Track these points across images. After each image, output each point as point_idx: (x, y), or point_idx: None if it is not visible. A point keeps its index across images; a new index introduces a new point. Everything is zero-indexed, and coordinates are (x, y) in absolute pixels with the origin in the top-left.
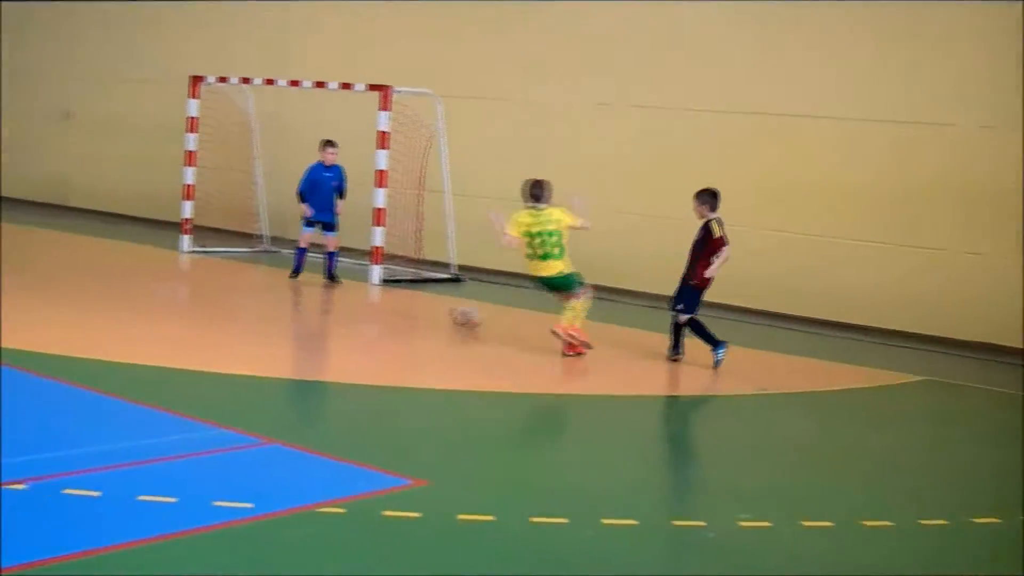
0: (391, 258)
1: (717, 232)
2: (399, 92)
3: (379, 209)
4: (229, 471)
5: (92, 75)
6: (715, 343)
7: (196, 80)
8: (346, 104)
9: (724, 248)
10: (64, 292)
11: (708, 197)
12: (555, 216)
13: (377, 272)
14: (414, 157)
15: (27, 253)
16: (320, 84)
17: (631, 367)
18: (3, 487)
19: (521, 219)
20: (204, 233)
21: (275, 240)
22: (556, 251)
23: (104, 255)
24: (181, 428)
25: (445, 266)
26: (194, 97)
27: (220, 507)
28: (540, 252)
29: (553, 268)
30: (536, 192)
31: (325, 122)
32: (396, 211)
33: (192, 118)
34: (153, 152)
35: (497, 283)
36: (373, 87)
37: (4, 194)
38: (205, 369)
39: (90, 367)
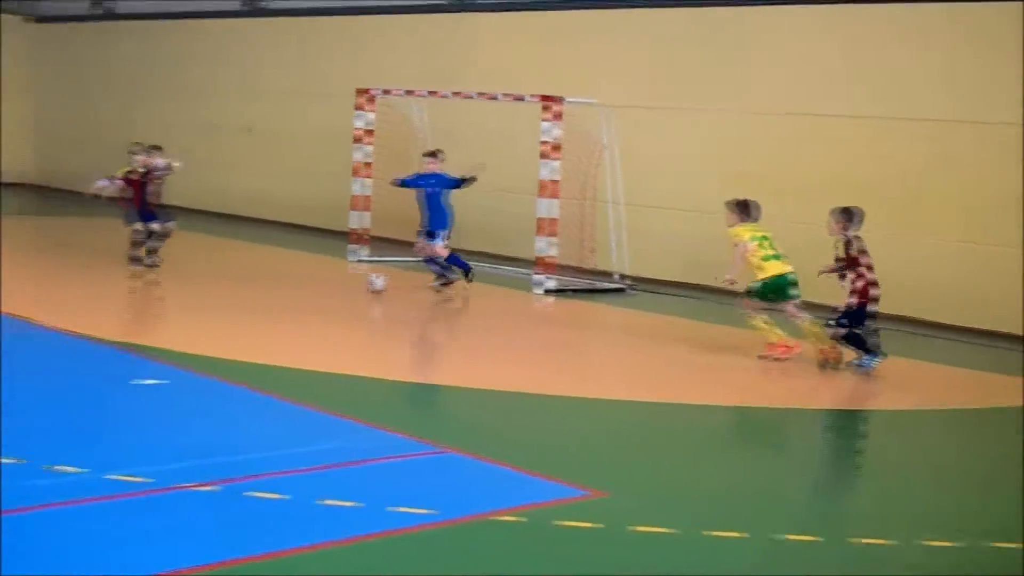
0: (559, 268)
1: (847, 252)
2: (568, 103)
3: (545, 219)
4: (407, 477)
5: (270, 90)
6: (870, 352)
7: (364, 93)
8: (515, 114)
9: (860, 270)
10: (243, 299)
11: (841, 215)
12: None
13: (543, 281)
14: (583, 167)
15: (209, 263)
16: (486, 95)
17: (803, 378)
18: (195, 488)
19: (744, 229)
20: (375, 243)
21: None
22: (781, 250)
23: (279, 264)
24: (360, 434)
25: (615, 276)
26: (362, 109)
27: (399, 512)
28: (771, 252)
29: (783, 267)
30: (746, 212)
31: (495, 132)
32: (564, 221)
33: (360, 130)
34: (325, 164)
35: (668, 294)
36: (541, 98)
37: (190, 205)
38: (381, 376)
39: (272, 373)
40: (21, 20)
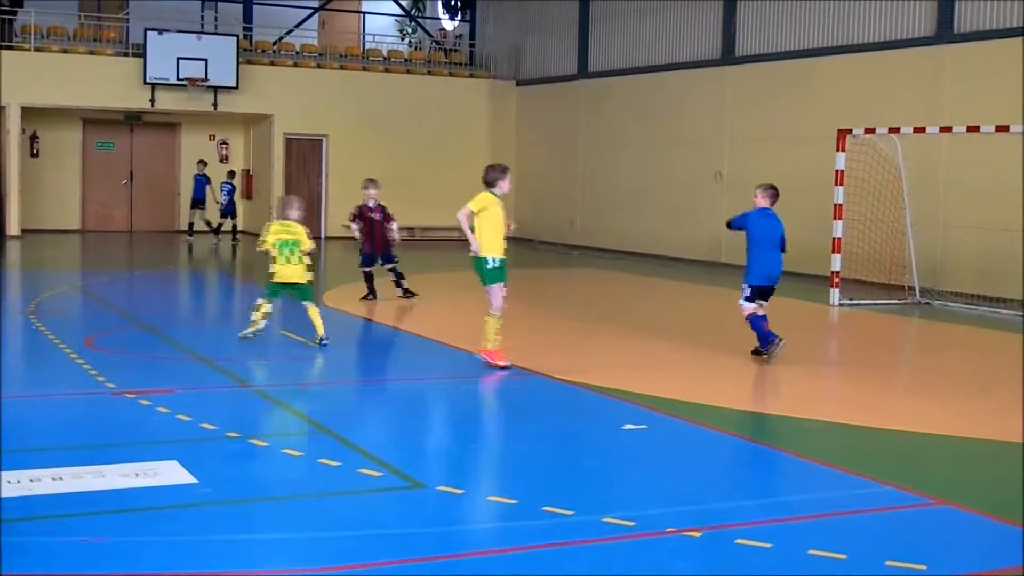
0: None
1: None
2: None
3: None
4: (898, 531)
5: (740, 137)
6: None
7: (843, 133)
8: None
9: None
10: (713, 344)
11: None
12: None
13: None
14: None
15: (684, 309)
16: (973, 128)
17: None
18: (682, 533)
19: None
20: (850, 286)
21: (924, 292)
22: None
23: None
24: (847, 484)
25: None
26: (841, 150)
27: (891, 567)
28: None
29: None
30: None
31: (985, 167)
32: None
33: (839, 171)
34: (798, 207)
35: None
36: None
37: (665, 253)
38: (867, 424)
39: (754, 420)
40: (512, 84)
